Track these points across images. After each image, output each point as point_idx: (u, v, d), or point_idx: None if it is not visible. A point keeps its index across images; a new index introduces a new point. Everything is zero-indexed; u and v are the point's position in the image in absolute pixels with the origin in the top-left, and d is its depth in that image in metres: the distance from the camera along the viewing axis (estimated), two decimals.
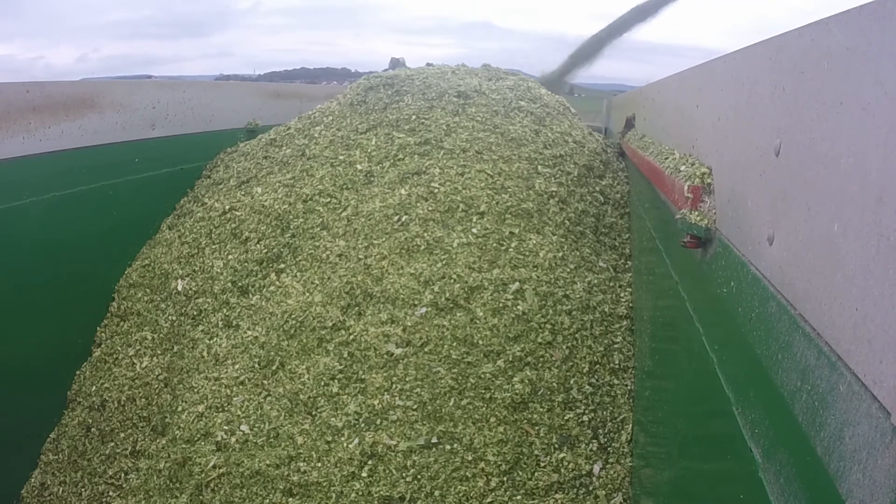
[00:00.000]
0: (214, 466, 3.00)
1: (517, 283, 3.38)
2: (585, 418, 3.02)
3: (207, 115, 4.98)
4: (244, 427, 3.09)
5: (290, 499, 2.85)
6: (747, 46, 1.61)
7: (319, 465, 2.90)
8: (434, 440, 2.89)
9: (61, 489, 3.47)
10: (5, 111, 3.30)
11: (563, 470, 2.85)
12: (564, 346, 3.22)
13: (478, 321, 3.22)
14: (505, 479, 2.82)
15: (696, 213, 1.84)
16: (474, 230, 3.62)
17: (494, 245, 3.58)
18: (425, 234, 3.58)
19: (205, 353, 3.55)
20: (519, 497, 2.78)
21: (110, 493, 3.32)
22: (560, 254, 3.64)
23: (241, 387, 3.27)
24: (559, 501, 2.78)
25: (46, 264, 3.58)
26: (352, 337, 3.24)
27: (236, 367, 3.36)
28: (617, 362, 3.26)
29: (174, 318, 3.91)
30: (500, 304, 3.28)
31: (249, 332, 3.51)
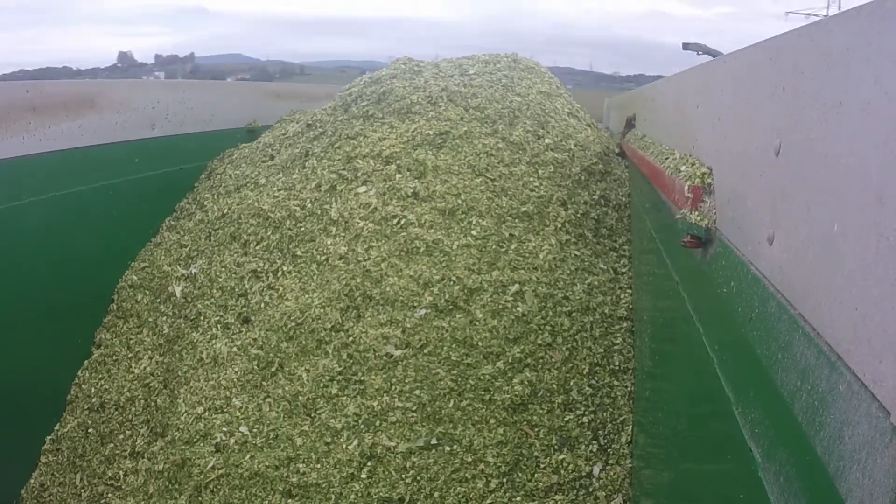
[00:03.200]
0: (213, 468, 3.00)
1: (517, 285, 3.38)
2: (585, 419, 3.02)
3: (207, 115, 4.98)
4: (243, 428, 3.09)
5: (290, 500, 2.84)
6: (747, 46, 1.61)
7: (319, 466, 2.89)
8: (434, 441, 2.88)
9: (60, 490, 3.46)
10: (5, 111, 3.30)
11: (562, 471, 2.85)
12: (564, 348, 3.22)
13: (477, 323, 3.21)
14: (505, 480, 2.81)
15: (697, 213, 1.84)
16: (474, 232, 3.62)
17: (494, 247, 3.58)
18: (425, 236, 3.58)
19: (204, 355, 3.55)
20: (519, 498, 2.77)
21: (109, 495, 3.32)
22: (560, 255, 3.64)
23: (240, 388, 3.27)
24: (559, 503, 2.77)
25: (46, 265, 3.58)
26: (351, 339, 3.24)
27: (235, 368, 3.35)
28: (617, 363, 3.26)
29: (173, 319, 3.91)
30: (500, 306, 3.28)
31: (248, 334, 3.51)
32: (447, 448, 2.87)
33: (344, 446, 2.91)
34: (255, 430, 3.07)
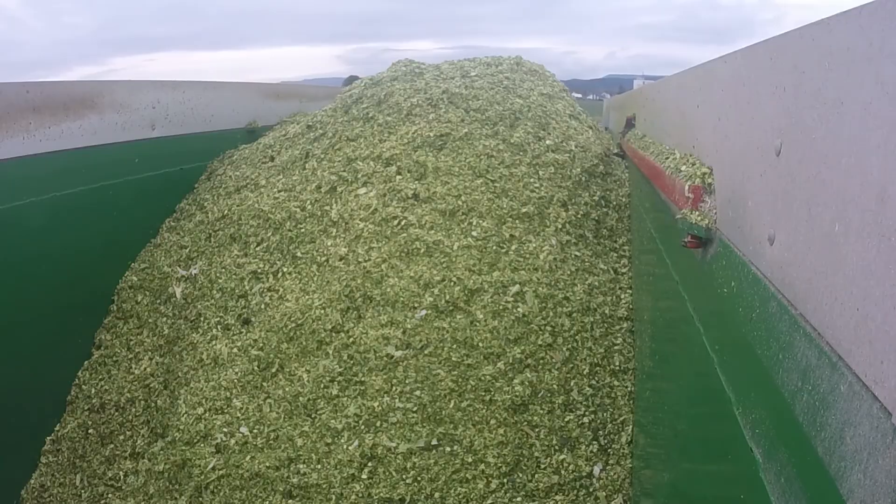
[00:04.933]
0: (214, 468, 3.00)
1: (517, 286, 3.37)
2: (586, 420, 3.01)
3: (207, 115, 4.98)
4: (244, 429, 3.08)
5: (290, 500, 2.84)
6: (748, 46, 1.61)
7: (319, 466, 2.89)
8: (434, 442, 2.88)
9: (61, 491, 3.46)
10: (5, 111, 3.30)
11: (563, 471, 2.84)
12: (565, 348, 3.21)
13: (478, 323, 3.21)
14: (505, 480, 2.81)
15: (697, 213, 1.84)
16: (474, 233, 3.62)
17: (494, 248, 3.57)
18: (425, 237, 3.57)
19: (204, 356, 3.55)
20: (519, 499, 2.77)
21: (109, 495, 3.32)
22: (560, 256, 3.64)
23: (240, 389, 3.26)
24: (559, 503, 2.77)
25: (46, 265, 3.58)
26: (351, 339, 3.24)
27: (236, 369, 3.35)
28: (617, 364, 3.26)
29: (173, 320, 3.91)
30: (501, 307, 3.28)
31: (249, 335, 3.51)
32: (448, 449, 2.87)
33: (344, 447, 2.91)
34: (255, 431, 3.07)
